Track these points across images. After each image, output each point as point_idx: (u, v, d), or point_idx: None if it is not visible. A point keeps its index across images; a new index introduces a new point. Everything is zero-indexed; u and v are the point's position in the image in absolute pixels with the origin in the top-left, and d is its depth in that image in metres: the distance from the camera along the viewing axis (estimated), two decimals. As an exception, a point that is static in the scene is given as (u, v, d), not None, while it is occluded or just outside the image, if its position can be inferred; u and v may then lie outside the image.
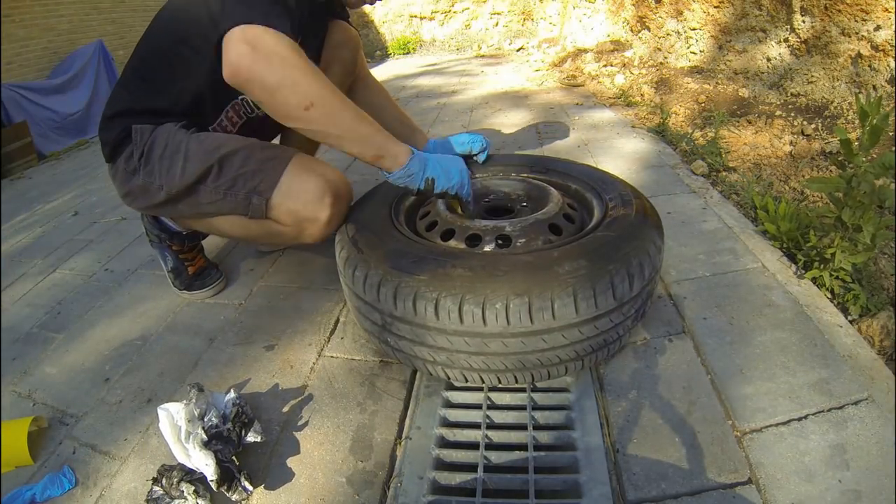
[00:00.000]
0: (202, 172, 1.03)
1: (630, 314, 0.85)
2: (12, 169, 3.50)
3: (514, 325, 0.76)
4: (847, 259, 1.08)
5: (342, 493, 0.78)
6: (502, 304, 0.75)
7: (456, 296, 0.76)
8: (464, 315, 0.76)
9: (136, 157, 1.07)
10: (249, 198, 1.04)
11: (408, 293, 0.79)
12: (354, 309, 0.96)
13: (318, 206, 1.02)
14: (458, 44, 6.60)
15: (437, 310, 0.77)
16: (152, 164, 1.06)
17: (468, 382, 0.88)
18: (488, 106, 3.10)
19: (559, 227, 0.97)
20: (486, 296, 0.76)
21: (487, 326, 0.76)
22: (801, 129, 2.06)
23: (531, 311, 0.75)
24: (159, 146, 1.05)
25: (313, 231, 1.06)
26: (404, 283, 0.80)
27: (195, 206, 1.09)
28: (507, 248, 0.93)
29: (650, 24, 3.46)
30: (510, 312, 0.75)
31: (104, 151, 1.12)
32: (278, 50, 0.83)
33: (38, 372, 1.16)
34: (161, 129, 1.06)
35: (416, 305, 0.78)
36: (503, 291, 0.76)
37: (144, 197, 1.11)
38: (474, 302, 0.76)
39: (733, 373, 0.91)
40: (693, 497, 0.71)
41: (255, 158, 1.04)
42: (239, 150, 1.05)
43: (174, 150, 1.04)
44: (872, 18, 2.03)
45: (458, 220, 0.99)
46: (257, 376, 1.04)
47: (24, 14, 4.35)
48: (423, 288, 0.78)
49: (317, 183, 1.03)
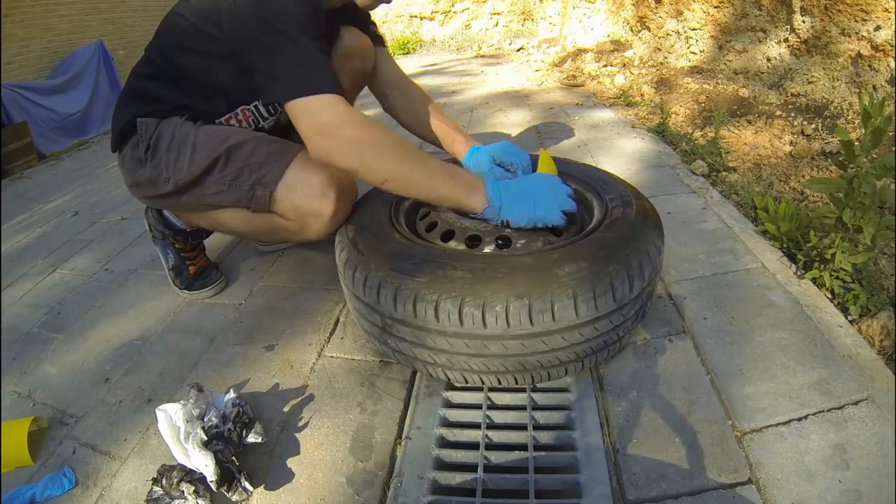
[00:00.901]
0: (209, 163, 1.03)
1: (630, 316, 0.85)
2: (12, 169, 3.50)
3: (514, 328, 0.76)
4: (847, 259, 1.08)
5: (342, 494, 0.78)
6: (502, 307, 0.75)
7: (456, 298, 0.76)
8: (464, 317, 0.76)
9: (143, 150, 1.07)
10: (254, 190, 1.04)
11: (408, 295, 0.79)
12: (354, 310, 0.96)
13: (323, 200, 1.02)
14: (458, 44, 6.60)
15: (437, 312, 0.77)
16: (159, 156, 1.06)
17: (468, 384, 0.89)
18: (488, 106, 3.10)
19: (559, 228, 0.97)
20: (485, 298, 0.76)
21: (487, 329, 0.76)
22: (801, 129, 2.06)
23: (531, 313, 0.75)
24: (165, 139, 1.05)
25: (317, 227, 1.06)
26: (404, 285, 0.80)
27: (200, 198, 1.09)
28: (507, 250, 0.93)
29: (650, 24, 3.46)
30: (510, 315, 0.75)
31: (112, 140, 1.13)
32: (345, 133, 0.87)
33: (38, 372, 1.16)
34: (167, 122, 1.06)
35: (416, 308, 0.78)
36: (503, 293, 0.76)
37: (151, 188, 1.12)
38: (474, 304, 0.76)
39: (733, 373, 0.91)
40: (693, 497, 0.71)
41: (261, 151, 1.04)
42: (246, 141, 1.05)
43: (181, 143, 1.04)
44: (872, 18, 2.03)
45: (458, 222, 0.99)
46: (257, 376, 1.04)
47: (24, 14, 4.35)
48: (423, 290, 0.78)
49: (321, 178, 1.02)
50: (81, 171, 3.14)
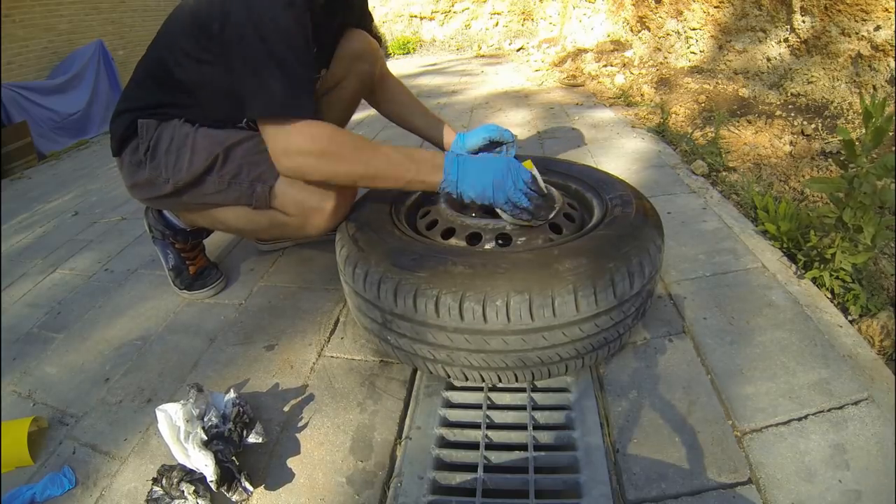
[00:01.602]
0: (208, 164, 1.03)
1: (630, 312, 0.85)
2: (12, 169, 3.50)
3: (514, 322, 0.76)
4: (847, 259, 1.08)
5: (342, 493, 0.78)
6: (503, 301, 0.75)
7: (456, 293, 0.76)
8: (464, 312, 0.76)
9: (142, 152, 1.07)
10: (254, 186, 1.04)
11: (408, 290, 0.79)
12: (354, 307, 0.96)
13: (324, 195, 1.02)
14: (458, 44, 6.61)
15: (438, 307, 0.77)
16: (158, 157, 1.06)
17: (468, 381, 0.88)
18: (489, 106, 3.10)
19: (559, 226, 0.97)
20: (486, 293, 0.76)
21: (488, 323, 0.76)
22: (801, 129, 2.06)
23: (532, 307, 0.75)
24: (165, 140, 1.05)
25: (318, 221, 1.05)
26: (405, 280, 0.80)
27: (200, 198, 1.09)
28: (508, 247, 0.93)
29: (650, 24, 3.46)
30: (511, 309, 0.75)
31: (111, 145, 1.12)
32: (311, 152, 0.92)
33: (38, 372, 1.16)
34: (167, 124, 1.06)
35: (416, 302, 0.78)
36: (504, 288, 0.76)
37: (150, 189, 1.11)
38: (475, 299, 0.76)
39: (733, 373, 0.91)
40: (693, 497, 0.71)
41: (260, 147, 1.03)
42: (244, 140, 1.05)
43: (180, 144, 1.04)
44: (872, 18, 2.03)
45: (458, 220, 0.99)
46: (257, 376, 1.04)
47: (24, 14, 4.35)
48: (423, 285, 0.78)
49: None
50: (81, 171, 3.14)
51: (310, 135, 0.91)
